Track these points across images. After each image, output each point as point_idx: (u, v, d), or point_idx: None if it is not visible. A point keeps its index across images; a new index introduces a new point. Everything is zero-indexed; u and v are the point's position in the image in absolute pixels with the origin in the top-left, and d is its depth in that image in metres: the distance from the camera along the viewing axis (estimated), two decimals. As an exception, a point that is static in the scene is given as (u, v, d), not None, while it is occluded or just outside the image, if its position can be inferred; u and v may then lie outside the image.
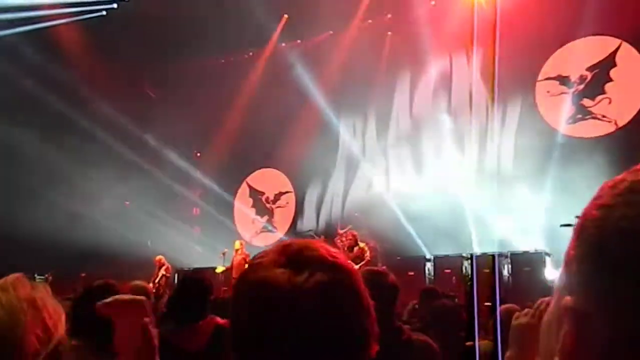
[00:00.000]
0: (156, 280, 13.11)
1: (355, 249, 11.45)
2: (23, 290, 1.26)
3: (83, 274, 12.65)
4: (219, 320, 3.71)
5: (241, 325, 1.07)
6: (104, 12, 14.61)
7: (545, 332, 0.76)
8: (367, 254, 11.48)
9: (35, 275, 13.31)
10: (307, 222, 15.35)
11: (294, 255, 1.08)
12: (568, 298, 0.68)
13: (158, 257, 13.54)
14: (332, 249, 1.13)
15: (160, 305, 5.85)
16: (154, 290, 11.15)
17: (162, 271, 13.32)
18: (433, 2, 13.90)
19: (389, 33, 14.58)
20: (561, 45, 12.47)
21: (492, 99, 12.70)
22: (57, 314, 1.33)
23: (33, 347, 1.19)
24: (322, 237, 13.17)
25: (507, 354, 2.07)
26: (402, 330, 3.39)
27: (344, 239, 11.77)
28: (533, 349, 1.96)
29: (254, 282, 1.07)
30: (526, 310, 2.04)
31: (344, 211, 14.76)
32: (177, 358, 3.52)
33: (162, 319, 3.98)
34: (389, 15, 14.63)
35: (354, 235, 11.65)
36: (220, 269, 13.61)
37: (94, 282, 2.90)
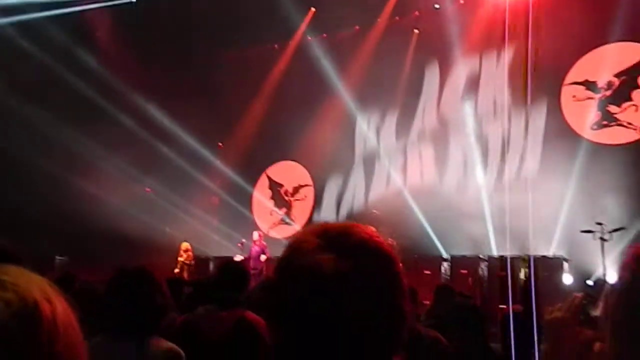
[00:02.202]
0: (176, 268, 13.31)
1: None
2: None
3: (101, 258, 12.76)
4: (248, 314, 3.70)
5: (286, 309, 1.07)
6: (133, 0, 14.69)
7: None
8: None
9: (56, 256, 13.55)
10: (326, 216, 15.36)
11: (335, 240, 1.08)
12: (598, 344, 0.69)
13: (185, 245, 13.75)
14: (370, 231, 1.15)
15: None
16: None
17: (181, 258, 13.51)
18: (462, 0, 13.82)
19: (416, 30, 14.53)
20: (589, 51, 12.35)
21: (519, 101, 12.64)
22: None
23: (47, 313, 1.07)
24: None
25: (543, 347, 2.10)
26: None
27: None
28: (567, 343, 2.00)
29: (300, 267, 1.07)
30: (559, 304, 2.07)
31: (364, 207, 14.75)
32: (198, 344, 3.56)
33: (187, 304, 4.02)
34: (417, 13, 14.56)
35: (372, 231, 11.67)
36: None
37: (127, 266, 2.94)
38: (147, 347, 2.65)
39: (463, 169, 13.48)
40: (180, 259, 13.53)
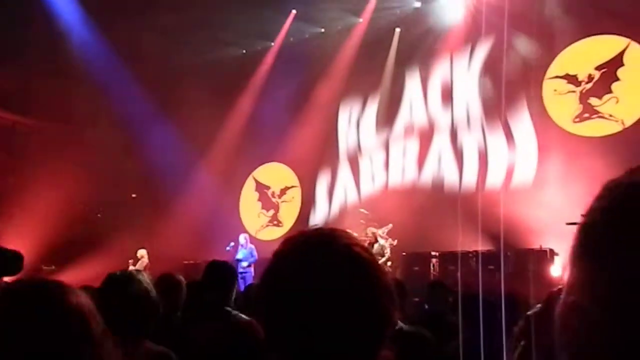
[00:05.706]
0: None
1: (376, 246, 11.51)
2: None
3: (87, 265, 12.65)
4: (239, 317, 3.66)
5: (274, 316, 1.11)
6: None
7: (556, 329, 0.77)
8: (387, 250, 11.65)
9: (42, 266, 13.43)
10: (315, 217, 15.35)
11: (316, 249, 1.12)
12: (572, 297, 0.68)
13: (140, 252, 13.40)
14: (350, 236, 1.18)
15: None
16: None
17: (133, 267, 12.28)
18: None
19: (397, 29, 14.58)
20: (569, 44, 12.46)
21: (499, 96, 12.73)
22: None
23: None
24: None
25: (522, 342, 2.13)
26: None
27: (364, 236, 11.77)
28: (544, 337, 2.02)
29: (284, 277, 1.11)
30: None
31: (352, 206, 14.74)
32: (191, 348, 3.53)
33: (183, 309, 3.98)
34: (398, 11, 14.60)
35: (373, 233, 11.78)
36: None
37: (116, 272, 2.92)
38: (138, 351, 2.64)
39: (449, 164, 13.52)
40: (131, 267, 11.75)
